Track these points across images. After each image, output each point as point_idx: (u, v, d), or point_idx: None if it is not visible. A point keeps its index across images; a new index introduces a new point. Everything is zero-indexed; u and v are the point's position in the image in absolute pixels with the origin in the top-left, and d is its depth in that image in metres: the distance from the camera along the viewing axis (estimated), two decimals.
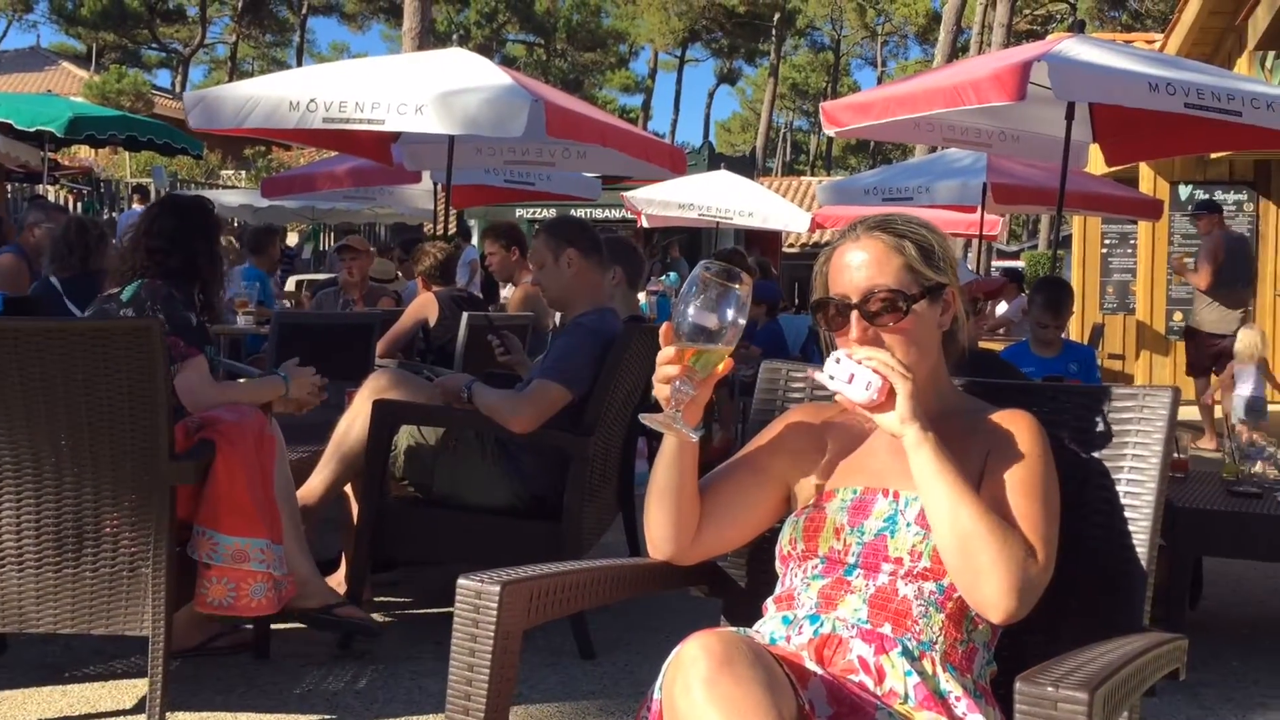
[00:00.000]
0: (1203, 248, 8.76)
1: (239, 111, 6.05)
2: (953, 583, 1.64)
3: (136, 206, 14.54)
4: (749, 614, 1.85)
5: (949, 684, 1.61)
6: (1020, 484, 1.68)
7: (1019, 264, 23.50)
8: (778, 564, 1.84)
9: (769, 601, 1.79)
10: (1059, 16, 33.52)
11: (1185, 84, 5.26)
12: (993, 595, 1.58)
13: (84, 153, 19.43)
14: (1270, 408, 9.15)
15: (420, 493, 3.69)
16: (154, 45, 45.23)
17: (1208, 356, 8.28)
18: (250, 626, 3.35)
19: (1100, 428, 1.83)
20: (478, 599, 1.58)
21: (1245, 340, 7.69)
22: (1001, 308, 10.81)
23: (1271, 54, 10.06)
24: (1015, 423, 1.75)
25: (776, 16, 45.74)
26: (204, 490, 2.97)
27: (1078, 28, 9.23)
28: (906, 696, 1.58)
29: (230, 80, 32.07)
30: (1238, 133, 5.81)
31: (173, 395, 3.07)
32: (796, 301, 12.03)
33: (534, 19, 46.03)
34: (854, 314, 1.74)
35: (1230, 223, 11.30)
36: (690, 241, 17.53)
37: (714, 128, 59.45)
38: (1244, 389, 7.52)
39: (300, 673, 3.28)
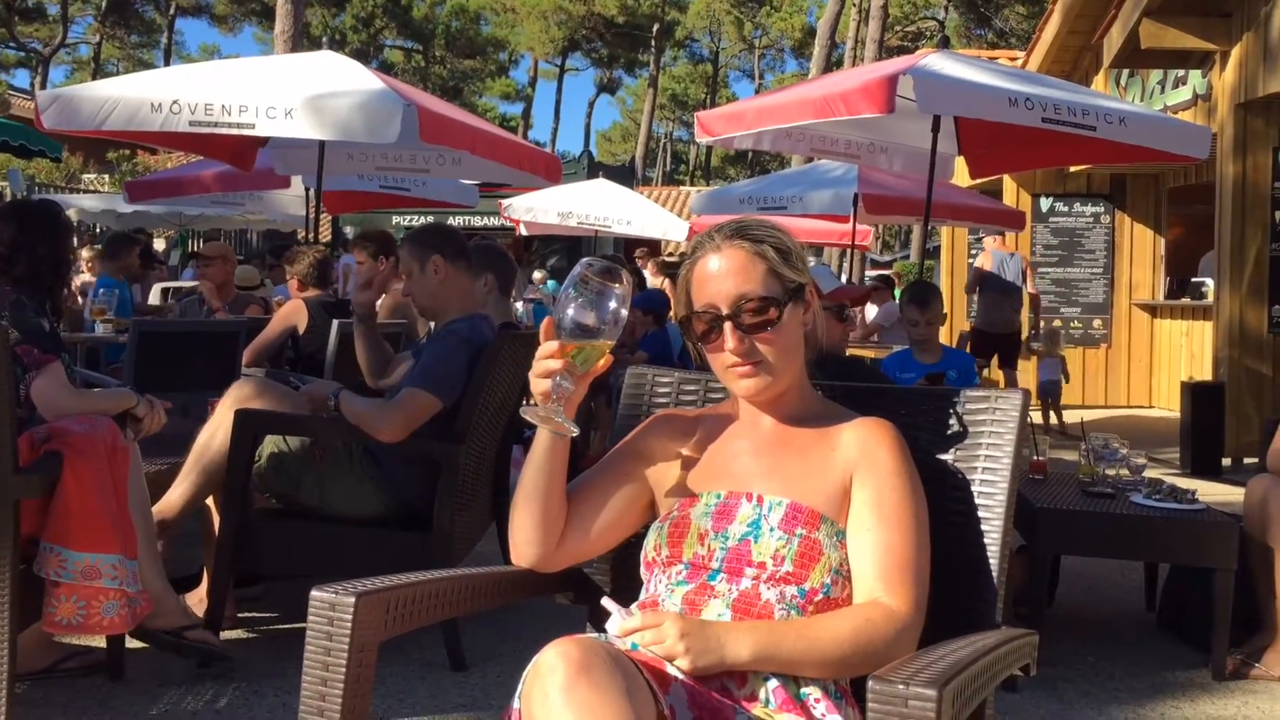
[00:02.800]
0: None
1: (97, 113, 5.82)
2: (813, 587, 1.66)
3: None
4: None
5: (809, 686, 1.62)
6: (890, 514, 1.69)
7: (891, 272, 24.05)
8: (643, 570, 1.83)
9: (633, 607, 1.79)
10: (928, 33, 34.47)
11: (1043, 99, 5.45)
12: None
13: None
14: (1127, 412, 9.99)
15: (285, 504, 3.60)
16: (12, 44, 43.31)
17: (984, 348, 9.83)
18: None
19: (955, 430, 1.87)
20: (332, 611, 1.54)
21: (1041, 339, 10.27)
22: (871, 312, 11.04)
23: (1125, 71, 10.52)
24: (878, 438, 1.75)
25: (656, 27, 46.08)
26: (52, 504, 2.85)
27: (944, 44, 9.50)
28: (767, 700, 1.59)
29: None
30: (1093, 147, 6.05)
31: (21, 405, 2.94)
32: None
33: (412, 25, 45.46)
34: (728, 325, 1.74)
35: (1089, 233, 11.87)
36: (570, 250, 17.51)
37: (594, 136, 59.72)
38: (1042, 374, 9.93)
39: (157, 693, 3.17)
